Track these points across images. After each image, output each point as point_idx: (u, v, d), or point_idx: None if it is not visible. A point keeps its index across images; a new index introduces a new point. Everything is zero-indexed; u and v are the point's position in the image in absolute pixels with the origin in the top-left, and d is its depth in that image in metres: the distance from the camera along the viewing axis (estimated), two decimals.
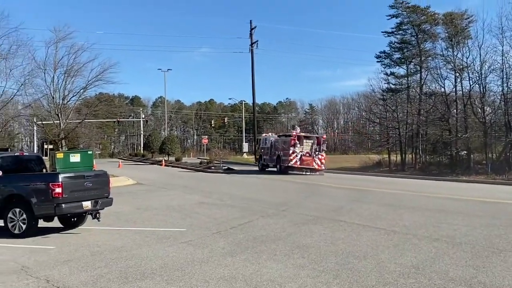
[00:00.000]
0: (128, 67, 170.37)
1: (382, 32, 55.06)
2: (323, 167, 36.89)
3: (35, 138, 74.31)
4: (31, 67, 37.33)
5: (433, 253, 9.63)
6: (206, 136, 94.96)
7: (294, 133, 37.24)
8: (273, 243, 10.77)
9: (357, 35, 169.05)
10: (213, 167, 42.63)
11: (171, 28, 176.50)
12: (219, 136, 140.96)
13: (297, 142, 36.10)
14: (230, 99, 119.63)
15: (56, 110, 40.75)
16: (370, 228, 12.55)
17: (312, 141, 37.09)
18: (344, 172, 42.37)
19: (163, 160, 54.90)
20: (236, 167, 43.54)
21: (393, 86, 52.81)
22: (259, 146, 45.73)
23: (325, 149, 37.83)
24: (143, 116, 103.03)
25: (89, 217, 13.05)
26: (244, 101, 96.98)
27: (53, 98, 40.97)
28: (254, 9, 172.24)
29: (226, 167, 42.03)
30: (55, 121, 42.13)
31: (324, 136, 39.41)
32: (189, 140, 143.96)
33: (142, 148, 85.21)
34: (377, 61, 54.83)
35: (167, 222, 14.39)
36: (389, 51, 53.93)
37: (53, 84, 41.00)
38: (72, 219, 13.37)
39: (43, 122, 45.54)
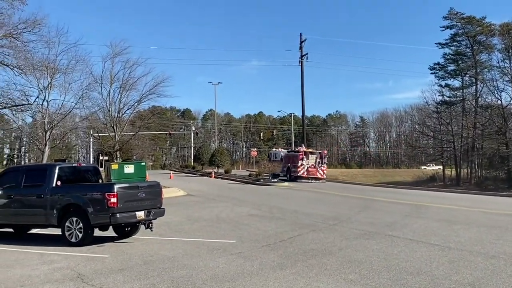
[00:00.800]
0: (180, 80, 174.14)
1: (436, 43, 54.12)
2: (325, 177, 44.98)
3: (91, 149, 76.68)
4: (89, 81, 38.80)
5: (490, 270, 9.27)
6: (255, 149, 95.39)
7: (302, 150, 45.38)
8: (324, 257, 10.66)
9: (410, 47, 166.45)
10: (262, 180, 42.70)
11: (222, 42, 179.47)
12: (268, 148, 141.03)
13: (304, 156, 44.22)
14: (279, 111, 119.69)
15: (111, 123, 42.17)
16: (424, 244, 12.22)
17: (316, 155, 45.14)
18: (397, 186, 41.51)
19: (213, 172, 55.48)
20: (284, 180, 43.46)
21: (447, 99, 51.52)
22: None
23: (326, 162, 46.64)
24: (194, 129, 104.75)
25: (142, 226, 13.35)
26: (293, 113, 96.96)
27: (109, 111, 42.49)
28: (304, 21, 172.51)
29: (275, 180, 42.05)
30: (110, 133, 43.56)
31: (325, 152, 49.59)
32: (238, 153, 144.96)
33: (192, 160, 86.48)
34: (431, 73, 53.84)
35: (217, 233, 14.51)
36: (443, 63, 52.77)
37: (109, 98, 42.60)
38: (126, 229, 13.70)
39: (99, 134, 47.19)
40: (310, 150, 47.02)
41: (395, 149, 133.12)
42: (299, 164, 43.76)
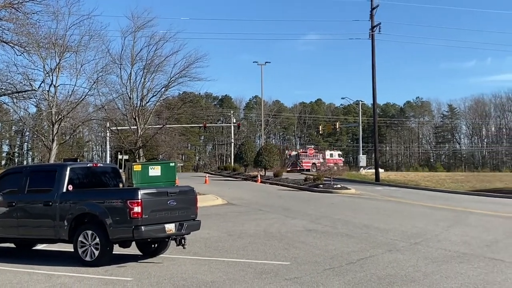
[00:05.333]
0: (217, 60, 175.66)
1: None
2: (303, 167, 75.77)
3: (107, 147, 78.28)
4: (105, 62, 39.17)
5: None
6: (312, 146, 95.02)
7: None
8: (405, 285, 10.53)
9: None
10: (321, 185, 42.47)
11: (270, 12, 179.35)
12: (328, 145, 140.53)
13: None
14: (343, 98, 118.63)
15: (133, 113, 42.65)
16: None
17: (295, 154, 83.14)
18: (497, 195, 40.44)
19: (259, 176, 55.63)
20: (350, 186, 43.12)
21: None
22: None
23: (304, 158, 79.59)
24: (235, 121, 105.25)
25: (173, 243, 13.48)
26: (362, 101, 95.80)
27: (130, 98, 43.01)
28: None
29: (338, 186, 41.77)
30: (131, 127, 44.18)
31: (301, 151, 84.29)
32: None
33: (232, 160, 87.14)
34: None
35: (266, 253, 14.52)
36: None
37: (130, 82, 43.12)
38: (153, 245, 13.88)
39: (118, 128, 47.89)
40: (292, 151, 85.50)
41: (494, 146, 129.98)
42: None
